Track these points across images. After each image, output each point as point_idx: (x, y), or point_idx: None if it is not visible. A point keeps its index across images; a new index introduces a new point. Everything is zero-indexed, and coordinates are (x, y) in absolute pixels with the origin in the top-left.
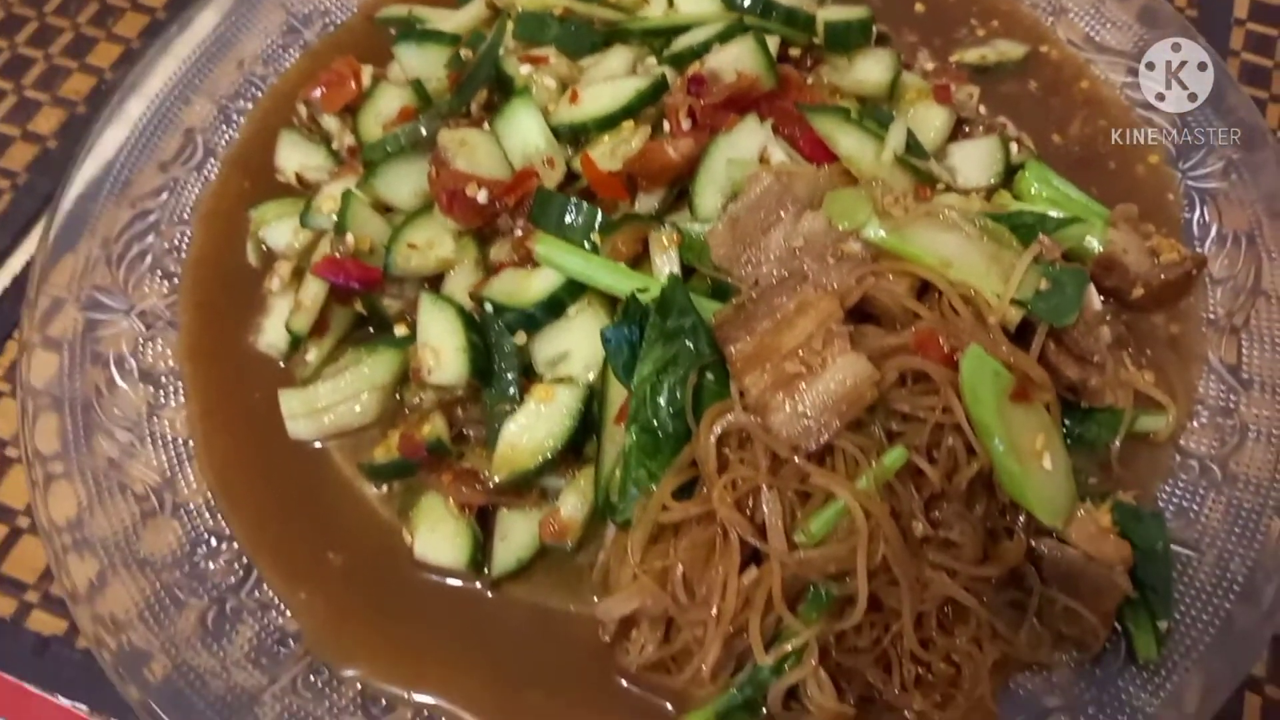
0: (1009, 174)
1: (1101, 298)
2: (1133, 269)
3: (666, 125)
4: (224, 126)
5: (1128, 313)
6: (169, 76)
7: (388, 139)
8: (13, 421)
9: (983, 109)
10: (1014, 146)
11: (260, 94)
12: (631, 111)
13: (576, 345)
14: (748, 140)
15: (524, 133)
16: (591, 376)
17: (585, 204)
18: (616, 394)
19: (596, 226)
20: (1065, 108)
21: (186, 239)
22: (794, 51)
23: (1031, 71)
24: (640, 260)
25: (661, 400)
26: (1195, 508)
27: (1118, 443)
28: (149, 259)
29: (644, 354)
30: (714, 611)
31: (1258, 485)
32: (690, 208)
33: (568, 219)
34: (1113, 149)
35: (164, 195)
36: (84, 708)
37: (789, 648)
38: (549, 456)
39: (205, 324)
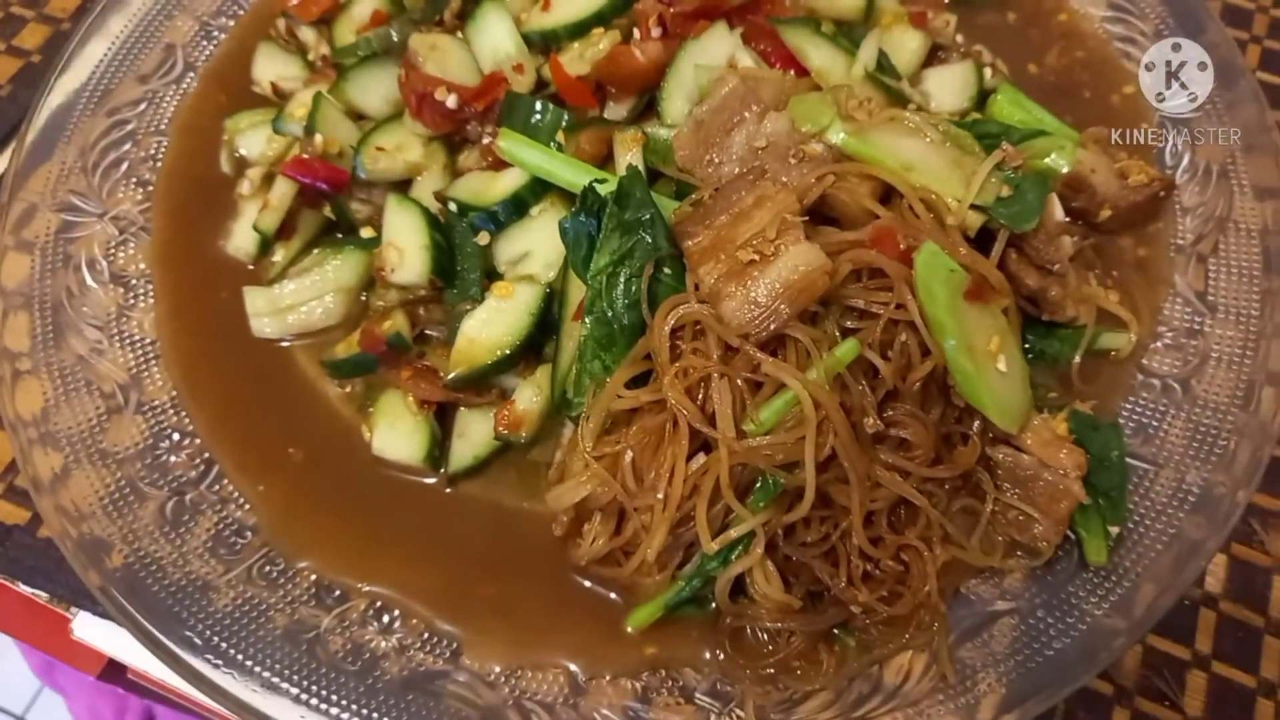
0: (982, 99)
1: (1068, 219)
2: (1100, 189)
3: (636, 33)
4: (204, 42)
5: (1095, 234)
6: None
7: (360, 42)
8: None
9: (960, 38)
10: (988, 72)
11: (242, 11)
12: (603, 19)
13: (538, 245)
14: (717, 47)
15: (495, 38)
16: (552, 275)
17: (552, 106)
18: (576, 292)
19: (562, 125)
20: (1043, 39)
21: (162, 149)
22: None
23: (1010, 3)
24: (606, 163)
25: (617, 293)
26: (1155, 424)
27: (1078, 358)
28: (124, 166)
29: (600, 245)
30: (660, 496)
31: (1217, 406)
32: (657, 113)
33: (534, 119)
34: (1088, 79)
35: (142, 106)
36: (44, 595)
37: (734, 534)
38: (507, 353)
39: (177, 229)
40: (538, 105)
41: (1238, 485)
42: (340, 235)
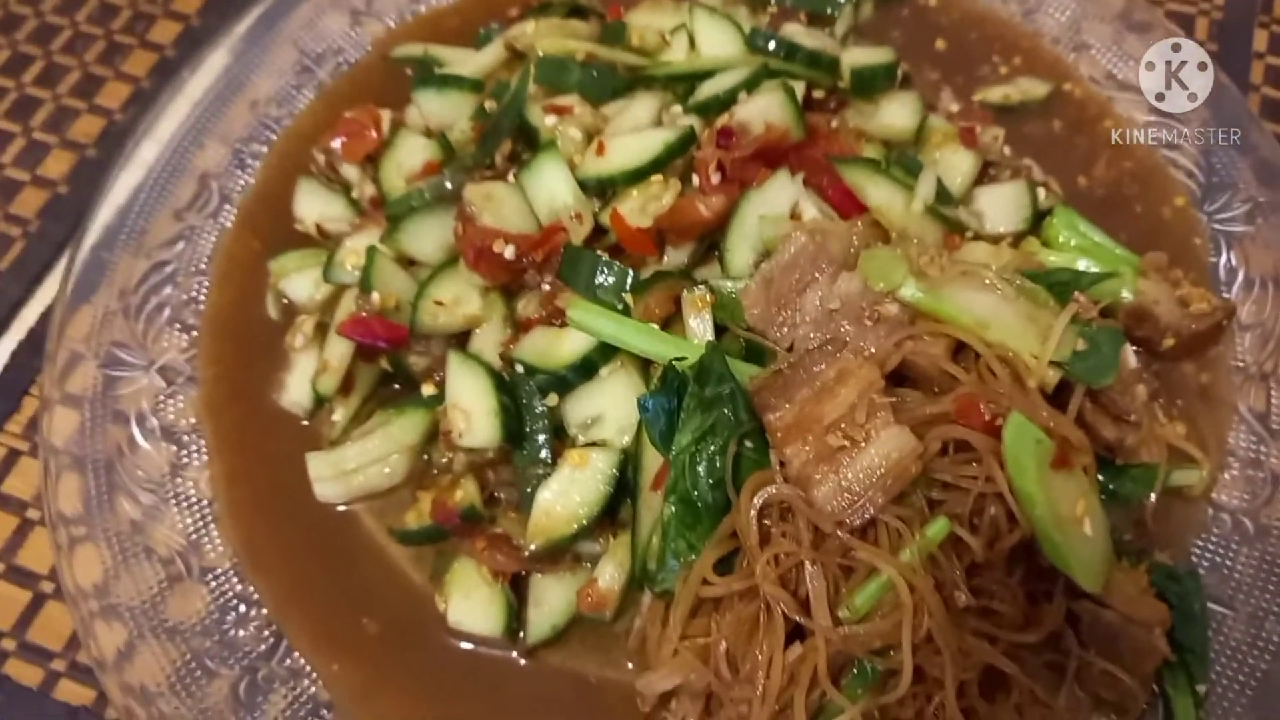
0: (1037, 219)
1: (1133, 348)
2: (1163, 319)
3: (695, 178)
4: (238, 171)
5: (1157, 362)
6: (181, 119)
7: (412, 194)
8: (31, 480)
9: (1008, 150)
10: (1041, 191)
11: (275, 136)
12: (660, 165)
13: (610, 408)
14: (779, 195)
15: (551, 187)
16: (626, 440)
17: (616, 264)
18: (651, 458)
19: (628, 286)
20: (1090, 148)
21: (204, 289)
22: (818, 93)
23: (1055, 111)
24: (672, 318)
25: (700, 470)
26: (1229, 563)
27: (1153, 498)
28: (167, 312)
29: (683, 423)
30: (759, 689)
31: None
32: (721, 264)
33: (598, 279)
34: (1138, 191)
35: (180, 245)
36: None
37: None
38: (584, 524)
39: (226, 379)
40: (601, 265)
41: None
42: (398, 386)
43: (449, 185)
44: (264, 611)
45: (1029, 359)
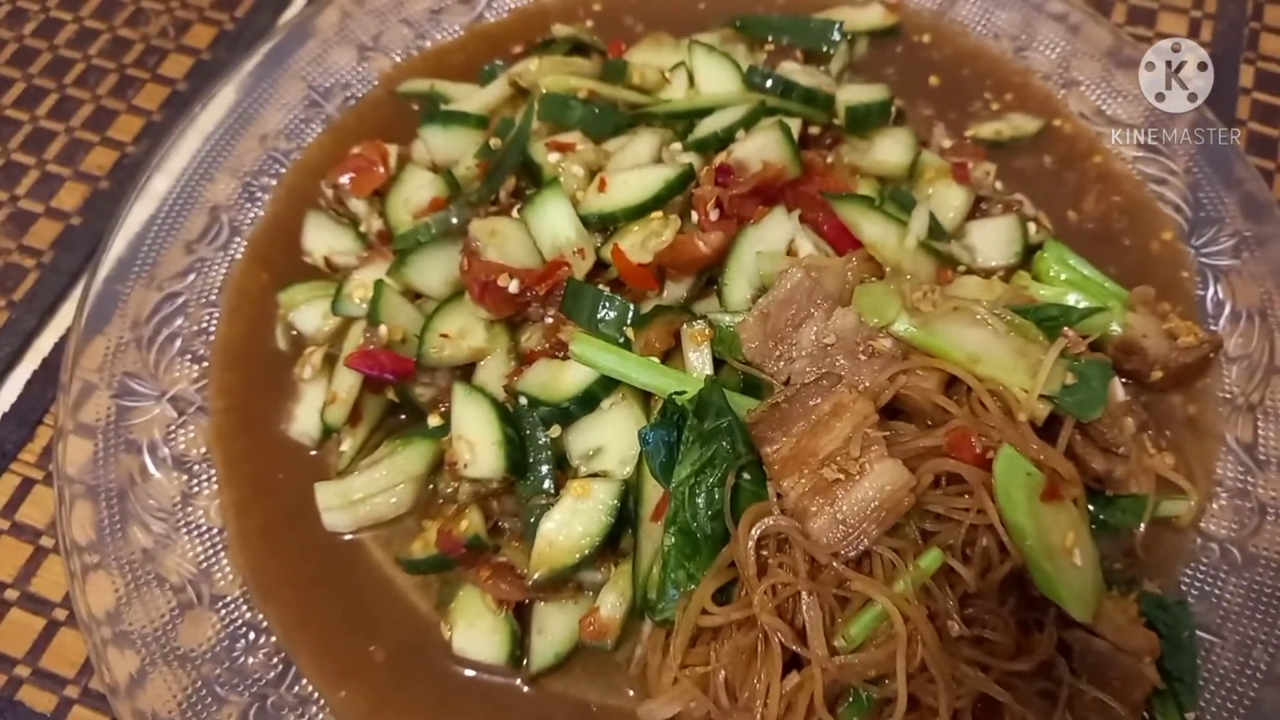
0: (1027, 253)
1: (1121, 380)
2: (1151, 352)
3: (694, 214)
4: (248, 204)
5: (1146, 394)
6: (192, 152)
7: (419, 229)
8: (45, 508)
9: (999, 185)
10: (1031, 226)
11: (284, 170)
12: (660, 201)
13: (611, 440)
14: (776, 232)
15: (554, 223)
16: (627, 471)
17: (617, 298)
18: (652, 490)
19: (629, 320)
20: (1080, 183)
21: (214, 321)
22: (813, 129)
23: (1046, 146)
24: (672, 351)
25: (700, 501)
26: (1217, 592)
27: (1142, 528)
28: (178, 343)
29: (682, 456)
30: (757, 717)
31: (1277, 567)
32: (720, 298)
33: (600, 313)
34: (1127, 225)
35: (191, 276)
36: None
37: None
38: (586, 553)
39: (236, 410)
40: (603, 299)
41: None
42: (404, 417)
43: (454, 220)
44: (273, 639)
45: (1019, 393)
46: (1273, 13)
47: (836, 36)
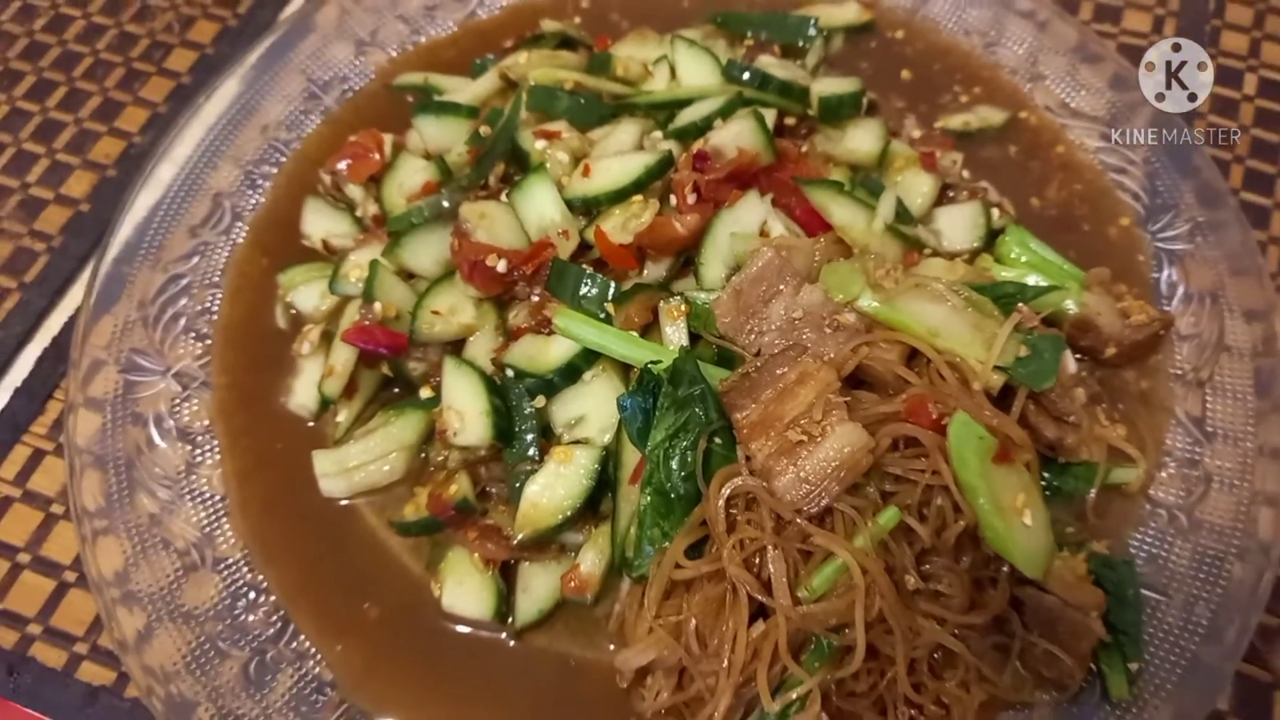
0: (991, 238)
1: (1076, 355)
2: (1105, 330)
3: (673, 198)
4: (249, 191)
5: (1101, 369)
6: (196, 142)
7: (412, 212)
8: (56, 478)
9: (966, 173)
10: (995, 212)
11: (284, 159)
12: (640, 186)
13: (593, 409)
14: (749, 214)
15: (540, 206)
16: (607, 439)
17: (599, 276)
18: (630, 456)
19: (610, 297)
20: (1043, 171)
21: (217, 301)
22: (789, 120)
23: (1011, 137)
24: (650, 327)
25: (673, 464)
26: (1164, 554)
27: (1093, 494)
28: (182, 321)
29: (657, 421)
30: (725, 663)
31: (1221, 532)
32: (696, 277)
33: (583, 290)
34: (1088, 211)
35: (195, 259)
36: None
37: (794, 695)
38: (568, 515)
39: (237, 385)
40: (586, 277)
41: (1246, 610)
42: (397, 390)
43: (446, 204)
44: (272, 598)
45: (975, 364)
46: (1233, 10)
47: (812, 32)
